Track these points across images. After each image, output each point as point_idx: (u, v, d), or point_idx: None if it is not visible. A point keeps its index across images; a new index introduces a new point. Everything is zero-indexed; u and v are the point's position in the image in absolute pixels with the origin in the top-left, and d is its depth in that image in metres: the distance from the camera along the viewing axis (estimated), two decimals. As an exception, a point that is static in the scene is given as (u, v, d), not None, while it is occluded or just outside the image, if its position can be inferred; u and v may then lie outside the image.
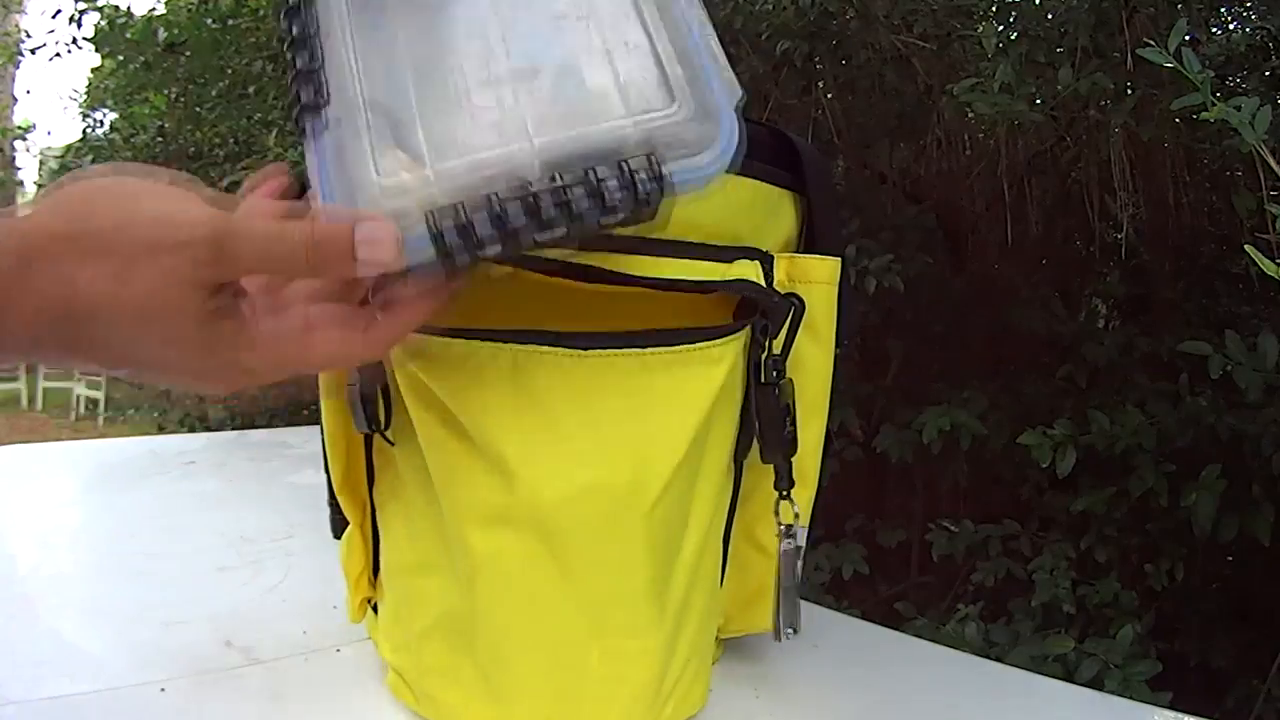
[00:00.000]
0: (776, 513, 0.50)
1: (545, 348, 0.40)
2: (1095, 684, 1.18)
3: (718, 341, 0.43)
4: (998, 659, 1.09)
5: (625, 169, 0.32)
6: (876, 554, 1.82)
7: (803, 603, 0.59)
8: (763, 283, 0.45)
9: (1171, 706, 0.91)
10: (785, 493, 0.50)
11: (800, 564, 0.52)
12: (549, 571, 0.42)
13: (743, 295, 0.44)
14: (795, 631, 0.52)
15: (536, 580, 0.42)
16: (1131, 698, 1.05)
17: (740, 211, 0.46)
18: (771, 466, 0.49)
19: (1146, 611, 1.41)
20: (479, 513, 0.42)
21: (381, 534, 0.51)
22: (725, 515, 0.50)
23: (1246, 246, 0.80)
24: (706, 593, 0.48)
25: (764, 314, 0.45)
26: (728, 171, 0.34)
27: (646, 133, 0.33)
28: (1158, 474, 1.35)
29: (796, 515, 0.50)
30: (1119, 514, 1.44)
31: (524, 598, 0.42)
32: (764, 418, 0.47)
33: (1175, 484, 1.34)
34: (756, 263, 0.46)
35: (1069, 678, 1.18)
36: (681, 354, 0.42)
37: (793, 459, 0.49)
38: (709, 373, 0.43)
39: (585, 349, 0.40)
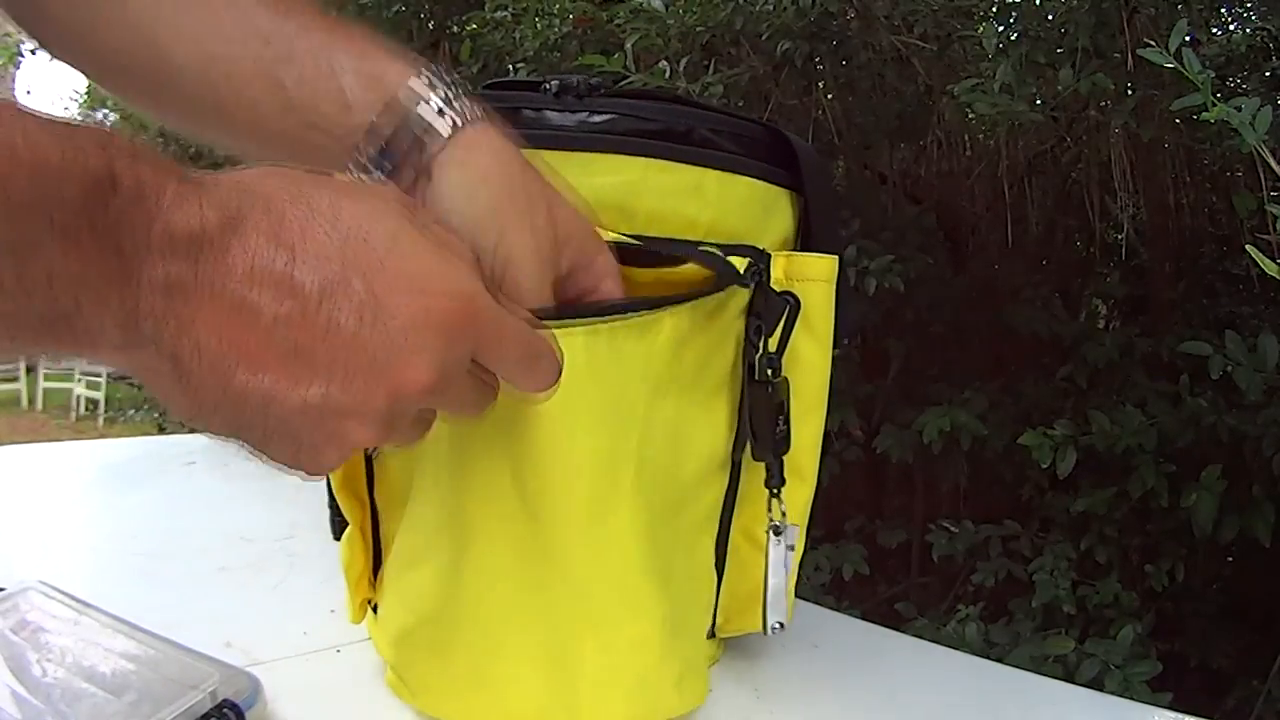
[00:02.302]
0: (769, 510, 0.50)
1: None
2: (1095, 684, 1.18)
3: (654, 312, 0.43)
4: (998, 659, 1.09)
5: None
6: (877, 554, 1.82)
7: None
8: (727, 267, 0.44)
9: (1171, 707, 0.91)
10: (776, 491, 0.50)
11: (790, 559, 0.52)
12: (537, 557, 0.42)
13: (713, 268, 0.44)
14: (783, 627, 0.52)
15: (524, 566, 0.42)
16: (1132, 698, 1.05)
17: (737, 209, 0.46)
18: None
19: (1147, 612, 1.41)
20: (477, 495, 0.42)
21: (383, 533, 0.51)
22: (720, 509, 0.50)
23: (1247, 247, 0.80)
24: (704, 588, 0.48)
25: (758, 314, 0.45)
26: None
27: None
28: (1158, 474, 1.35)
29: (784, 514, 0.50)
30: (1119, 514, 1.44)
31: (511, 585, 0.43)
32: (756, 416, 0.47)
33: (1175, 484, 1.34)
34: (748, 259, 0.46)
35: (1069, 678, 1.18)
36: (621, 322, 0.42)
37: (785, 457, 0.49)
38: (648, 339, 0.43)
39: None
